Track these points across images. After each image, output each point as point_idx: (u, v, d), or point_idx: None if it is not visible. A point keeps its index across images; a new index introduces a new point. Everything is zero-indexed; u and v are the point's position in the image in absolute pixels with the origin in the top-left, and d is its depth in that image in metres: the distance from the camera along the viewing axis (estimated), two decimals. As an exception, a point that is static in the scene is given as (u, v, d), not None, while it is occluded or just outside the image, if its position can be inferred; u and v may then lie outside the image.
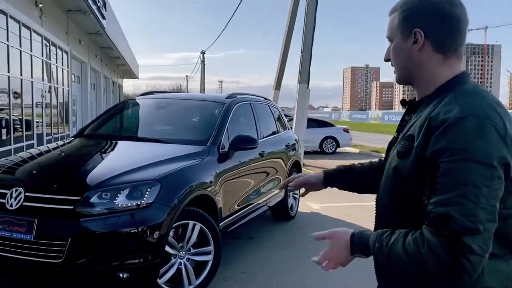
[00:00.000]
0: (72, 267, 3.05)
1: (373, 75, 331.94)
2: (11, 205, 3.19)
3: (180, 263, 3.56)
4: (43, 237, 3.06)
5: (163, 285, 3.41)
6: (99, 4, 14.21)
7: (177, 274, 3.51)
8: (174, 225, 3.45)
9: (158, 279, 3.34)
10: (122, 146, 4.35)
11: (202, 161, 3.98)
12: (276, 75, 13.42)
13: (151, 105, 5.34)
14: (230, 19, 21.90)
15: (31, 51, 11.13)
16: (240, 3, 18.65)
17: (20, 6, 10.20)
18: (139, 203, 3.21)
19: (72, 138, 4.79)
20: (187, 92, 52.24)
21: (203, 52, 39.30)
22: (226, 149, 4.28)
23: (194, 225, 3.60)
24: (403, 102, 1.40)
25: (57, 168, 3.65)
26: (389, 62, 1.36)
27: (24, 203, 3.18)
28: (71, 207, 3.10)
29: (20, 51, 10.35)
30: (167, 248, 3.42)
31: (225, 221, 4.21)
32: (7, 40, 9.46)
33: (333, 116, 66.51)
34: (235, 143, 4.32)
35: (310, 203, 7.17)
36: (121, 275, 3.14)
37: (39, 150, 4.34)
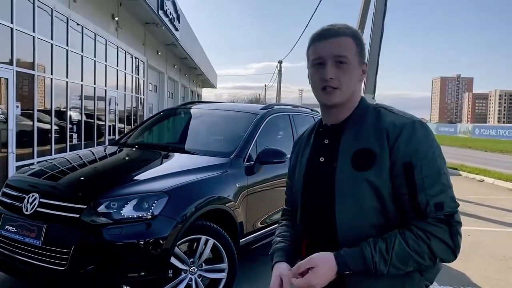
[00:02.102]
0: (75, 276, 3.04)
1: (466, 86, 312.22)
2: (27, 210, 3.29)
3: (191, 279, 3.43)
4: (49, 244, 3.10)
5: (171, 301, 3.30)
6: (171, 17, 14.79)
7: (187, 290, 3.38)
8: (185, 239, 3.33)
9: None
10: (145, 155, 4.35)
11: (223, 173, 3.83)
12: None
13: (186, 115, 5.32)
14: (305, 28, 21.69)
15: (105, 61, 11.84)
16: (314, 12, 18.43)
17: (96, 18, 10.90)
18: (145, 214, 3.14)
19: (108, 146, 4.90)
20: (265, 101, 52.83)
21: (280, 62, 39.52)
22: (253, 162, 4.10)
23: (206, 240, 3.46)
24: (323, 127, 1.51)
25: (72, 176, 3.71)
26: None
27: (37, 209, 3.25)
28: (77, 216, 3.11)
29: (94, 61, 11.04)
30: (177, 263, 3.32)
31: (247, 237, 4.02)
32: (82, 51, 10.13)
33: (417, 128, 62.94)
34: (262, 156, 4.12)
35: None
36: (124, 287, 3.09)
37: (65, 157, 4.47)
